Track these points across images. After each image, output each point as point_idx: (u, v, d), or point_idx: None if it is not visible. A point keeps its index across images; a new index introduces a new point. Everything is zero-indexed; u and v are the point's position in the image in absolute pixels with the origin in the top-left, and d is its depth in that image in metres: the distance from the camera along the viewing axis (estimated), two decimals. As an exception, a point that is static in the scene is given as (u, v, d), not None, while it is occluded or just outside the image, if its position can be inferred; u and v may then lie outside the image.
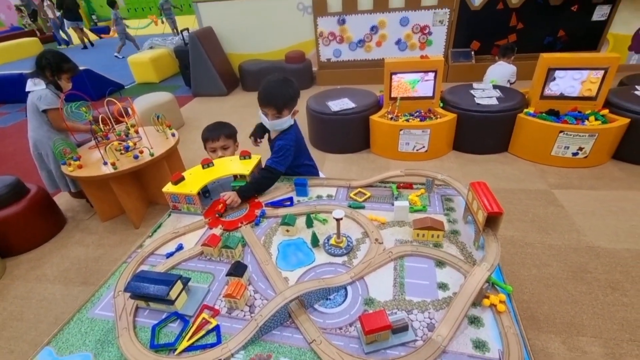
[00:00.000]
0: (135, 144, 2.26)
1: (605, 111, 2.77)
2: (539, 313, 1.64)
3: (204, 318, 1.01)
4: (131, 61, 6.30)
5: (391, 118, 3.10)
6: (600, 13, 4.42)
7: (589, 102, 2.83)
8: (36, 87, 2.25)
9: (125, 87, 6.23)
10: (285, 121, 1.57)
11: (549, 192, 2.52)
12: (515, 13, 4.59)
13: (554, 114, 2.85)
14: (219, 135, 1.91)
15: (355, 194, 1.54)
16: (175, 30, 9.58)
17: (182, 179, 1.51)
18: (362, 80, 4.98)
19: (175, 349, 0.93)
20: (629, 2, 4.31)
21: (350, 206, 1.46)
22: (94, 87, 5.05)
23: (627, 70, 4.22)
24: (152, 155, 2.18)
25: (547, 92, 2.90)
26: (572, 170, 2.75)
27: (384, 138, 3.12)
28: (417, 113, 3.15)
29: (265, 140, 1.83)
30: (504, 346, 0.87)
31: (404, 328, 0.92)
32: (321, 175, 1.93)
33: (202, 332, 0.97)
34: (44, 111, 2.27)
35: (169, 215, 1.51)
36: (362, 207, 1.46)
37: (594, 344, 1.49)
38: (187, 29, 5.28)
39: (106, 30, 12.60)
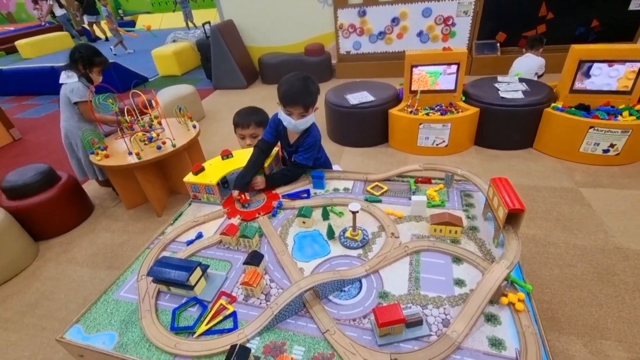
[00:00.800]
0: (158, 135, 2.33)
1: (641, 106, 2.62)
2: (560, 314, 1.59)
3: (221, 304, 1.04)
4: (155, 54, 6.46)
5: (411, 112, 3.05)
6: (638, 2, 4.14)
7: (623, 97, 2.68)
8: (69, 80, 2.37)
9: (149, 80, 6.40)
10: (310, 119, 1.53)
11: (576, 190, 2.42)
12: (545, 2, 4.38)
13: (584, 109, 2.71)
14: (250, 122, 1.83)
15: (372, 188, 1.54)
16: (188, 23, 9.64)
17: (202, 169, 1.54)
18: (382, 74, 4.91)
19: (194, 333, 0.97)
20: (673, -11, 4.02)
21: (366, 200, 1.46)
22: (120, 80, 5.23)
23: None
24: (174, 146, 2.24)
25: (577, 86, 2.76)
26: (601, 168, 2.62)
27: (403, 132, 3.07)
28: (438, 107, 3.08)
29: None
30: (521, 345, 0.85)
31: (418, 322, 0.92)
32: (335, 167, 1.93)
33: (220, 318, 1.00)
34: (75, 103, 2.38)
35: (190, 204, 1.55)
36: (379, 201, 1.45)
37: (617, 349, 1.43)
38: (209, 22, 5.34)
39: (132, 24, 12.93)
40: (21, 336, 1.78)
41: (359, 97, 3.15)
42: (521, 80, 3.13)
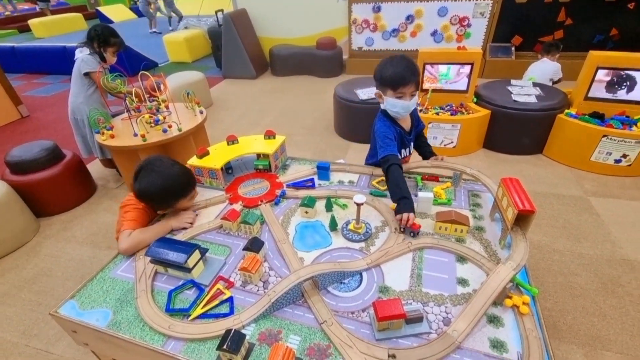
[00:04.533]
0: (164, 118, 2.31)
1: (657, 117, 2.56)
2: (561, 322, 1.56)
3: (218, 288, 1.02)
4: (166, 40, 6.44)
5: (420, 110, 3.00)
6: (661, 11, 4.05)
7: (639, 107, 2.62)
8: (81, 54, 2.40)
9: (159, 65, 6.39)
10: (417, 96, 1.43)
11: (585, 199, 2.37)
12: (564, 8, 4.29)
13: (598, 117, 2.66)
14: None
15: (377, 182, 1.51)
16: (169, 16, 9.21)
17: (207, 153, 1.52)
18: (393, 71, 4.85)
19: (189, 315, 0.95)
20: (696, 1, 3.92)
21: (372, 194, 1.43)
22: (130, 64, 5.21)
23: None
24: (179, 130, 2.22)
25: (595, 94, 2.70)
26: (612, 178, 2.57)
27: (411, 131, 3.02)
28: (448, 107, 3.03)
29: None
30: (524, 349, 0.83)
31: (418, 319, 0.89)
32: (340, 162, 1.90)
33: (216, 302, 0.98)
34: (86, 74, 2.40)
35: (192, 188, 1.53)
36: (384, 196, 1.42)
37: (619, 361, 1.40)
38: (222, 10, 5.30)
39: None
40: (17, 310, 1.78)
41: (368, 93, 3.11)
42: (535, 84, 3.07)
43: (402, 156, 1.57)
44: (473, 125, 2.87)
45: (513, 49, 4.65)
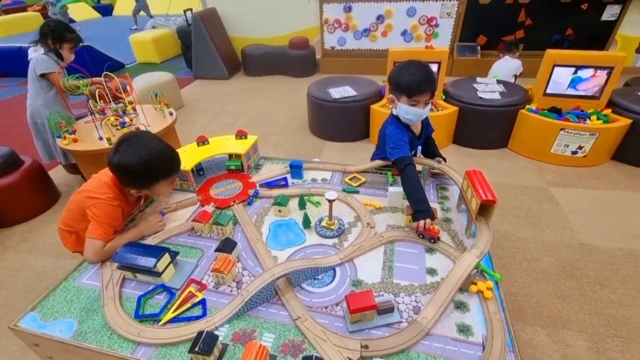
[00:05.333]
0: (131, 120, 2.23)
1: (608, 111, 2.75)
2: (526, 306, 1.65)
3: (190, 291, 1.01)
4: (133, 40, 6.21)
5: (392, 108, 3.07)
6: (610, 13, 4.34)
7: (592, 101, 2.80)
8: (35, 54, 2.26)
9: (126, 66, 6.15)
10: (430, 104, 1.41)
11: (546, 189, 2.51)
12: (524, 9, 4.51)
13: (556, 112, 2.82)
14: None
15: (350, 179, 1.53)
16: (136, 17, 9.10)
17: (176, 155, 1.49)
18: (366, 71, 4.92)
19: (160, 320, 0.93)
20: (640, 3, 4.24)
21: (344, 190, 1.45)
22: (93, 64, 4.99)
23: (633, 73, 4.18)
24: (148, 132, 2.15)
25: (552, 89, 2.87)
26: (570, 169, 2.74)
27: (384, 128, 3.09)
28: (419, 104, 3.11)
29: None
30: (488, 331, 0.87)
31: (389, 309, 0.92)
32: (315, 160, 1.91)
33: (188, 305, 0.97)
34: (42, 76, 2.26)
35: (162, 191, 1.50)
36: (357, 192, 1.45)
37: (578, 338, 1.50)
38: (191, 9, 5.18)
39: (108, 9, 12.38)
40: (-26, 328, 1.67)
41: (341, 92, 3.14)
42: (499, 82, 3.22)
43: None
44: (442, 122, 2.96)
45: (478, 48, 4.84)
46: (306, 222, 1.25)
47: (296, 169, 1.54)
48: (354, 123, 3.22)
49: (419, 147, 1.57)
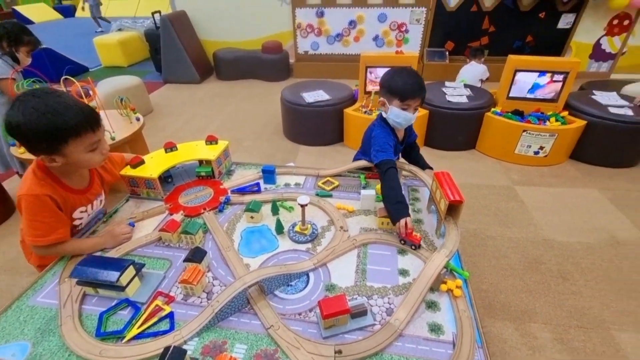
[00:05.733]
0: (94, 127, 2.13)
1: (565, 113, 2.92)
2: (496, 302, 1.71)
3: (157, 305, 0.96)
4: (98, 43, 5.96)
5: (365, 112, 3.12)
6: (565, 21, 4.65)
7: (550, 104, 2.97)
8: None
9: (90, 70, 5.89)
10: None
11: (512, 188, 2.63)
12: (487, 16, 4.74)
13: (518, 114, 2.97)
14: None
15: (323, 183, 1.53)
16: (96, 19, 8.91)
17: (142, 162, 1.43)
18: (340, 75, 4.97)
19: (124, 337, 0.88)
20: (592, 12, 4.57)
21: (317, 194, 1.45)
22: (54, 68, 4.73)
23: (587, 77, 4.49)
24: (113, 139, 2.06)
25: (515, 93, 3.02)
26: (533, 168, 2.89)
27: (358, 131, 3.11)
28: (391, 108, 3.18)
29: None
30: (458, 329, 0.89)
31: (362, 313, 0.92)
32: (290, 164, 1.90)
33: (155, 319, 0.92)
34: None
35: (127, 200, 1.43)
36: (330, 196, 1.45)
37: (544, 330, 1.57)
38: (159, 12, 5.04)
39: (70, 10, 11.82)
40: None
41: (314, 96, 3.15)
42: (466, 86, 3.35)
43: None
44: (414, 125, 3.02)
45: (447, 53, 5.03)
46: (279, 228, 1.23)
47: (269, 174, 1.52)
48: (328, 127, 3.24)
49: (400, 153, 1.65)
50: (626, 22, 4.57)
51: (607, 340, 1.53)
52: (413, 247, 1.15)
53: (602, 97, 3.00)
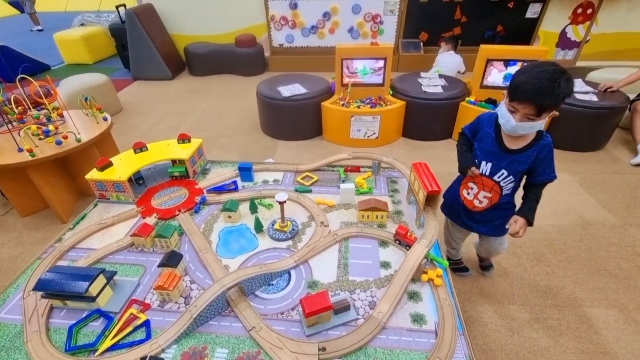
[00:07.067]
0: (57, 128, 2.01)
1: (535, 100, 3.01)
2: (475, 287, 1.75)
3: (131, 314, 0.92)
4: (59, 39, 5.61)
5: (343, 104, 3.10)
6: (532, 11, 4.78)
7: (521, 92, 3.05)
8: None
9: (52, 68, 5.56)
10: (538, 125, 1.12)
11: (487, 175, 2.70)
12: (459, 6, 4.80)
13: (492, 102, 3.04)
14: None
15: (302, 178, 1.51)
16: (34, 17, 8.43)
17: (110, 164, 1.36)
18: (317, 68, 4.91)
19: (96, 350, 0.84)
20: (557, 2, 4.71)
21: (297, 190, 1.43)
22: (12, 67, 4.43)
23: (554, 65, 4.63)
24: (78, 140, 1.95)
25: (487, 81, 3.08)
26: (507, 155, 2.96)
27: (336, 124, 3.11)
28: (368, 100, 3.18)
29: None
30: (439, 318, 0.90)
31: (345, 308, 0.91)
32: (269, 161, 1.86)
33: (129, 329, 0.88)
34: None
35: (96, 205, 1.36)
36: (309, 191, 1.43)
37: (521, 311, 1.63)
38: (124, 5, 4.80)
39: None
40: None
41: (291, 90, 3.10)
42: (441, 76, 3.39)
43: (480, 170, 1.29)
44: (391, 116, 3.05)
45: (421, 44, 5.07)
46: (258, 227, 1.20)
47: (246, 172, 1.48)
48: (306, 121, 3.20)
49: (501, 171, 1.25)
50: (589, 11, 4.75)
51: (580, 317, 1.60)
52: (407, 248, 1.10)
53: (568, 84, 3.11)
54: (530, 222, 1.24)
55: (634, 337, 1.52)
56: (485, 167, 1.28)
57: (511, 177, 1.26)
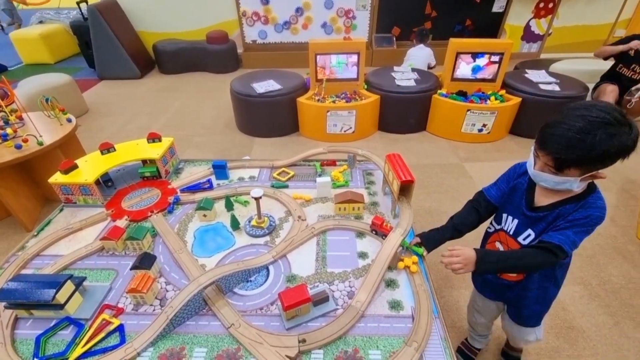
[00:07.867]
0: (16, 131, 1.89)
1: (503, 92, 3.13)
2: (452, 273, 1.80)
3: (104, 319, 0.89)
4: (15, 38, 5.27)
5: (318, 100, 3.10)
6: (498, 5, 4.95)
7: (489, 84, 3.17)
8: None
9: (10, 69, 5.23)
10: (571, 183, 0.85)
11: (460, 165, 2.79)
12: (429, 1, 4.90)
13: (462, 95, 3.13)
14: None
15: (278, 174, 1.50)
16: (13, 12, 7.93)
17: (75, 167, 1.30)
18: (291, 64, 4.87)
19: (67, 359, 0.80)
20: (521, -4, 4.91)
21: (273, 186, 1.42)
22: (-37, 68, 4.13)
23: (520, 58, 4.83)
24: (40, 144, 1.84)
25: (458, 74, 3.17)
26: (478, 145, 3.07)
27: (312, 120, 3.11)
28: (343, 95, 3.20)
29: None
30: (415, 303, 0.92)
31: (324, 299, 0.92)
32: (245, 158, 1.84)
33: (102, 335, 0.85)
34: None
35: (61, 210, 1.30)
36: (286, 187, 1.43)
37: (495, 293, 1.70)
38: (86, 1, 4.57)
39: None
40: None
41: (265, 86, 3.07)
42: (413, 70, 3.45)
43: (501, 226, 1.08)
44: (367, 110, 3.08)
45: (394, 38, 5.14)
46: (234, 224, 1.19)
47: (220, 169, 1.46)
48: (281, 117, 3.18)
49: (526, 229, 0.98)
50: (551, 5, 4.97)
51: (548, 295, 1.70)
52: (384, 237, 1.10)
53: (533, 75, 3.25)
54: (478, 265, 0.95)
55: (597, 310, 1.63)
56: (511, 224, 1.03)
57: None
